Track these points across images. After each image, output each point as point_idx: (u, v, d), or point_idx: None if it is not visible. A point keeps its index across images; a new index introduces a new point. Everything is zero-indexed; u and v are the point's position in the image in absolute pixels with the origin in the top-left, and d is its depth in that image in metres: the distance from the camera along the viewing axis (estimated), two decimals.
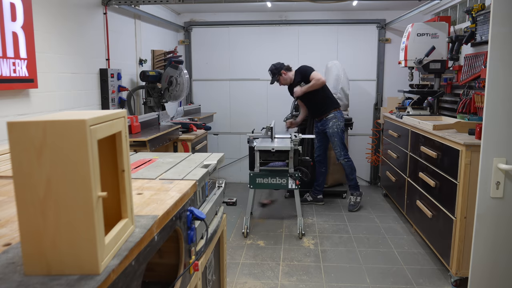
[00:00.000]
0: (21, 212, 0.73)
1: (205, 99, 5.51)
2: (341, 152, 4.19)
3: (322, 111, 4.23)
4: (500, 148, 1.67)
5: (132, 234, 0.92)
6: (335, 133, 4.17)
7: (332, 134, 4.19)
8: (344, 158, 4.20)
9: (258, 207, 4.34)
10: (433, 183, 2.99)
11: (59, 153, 0.72)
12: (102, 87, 3.39)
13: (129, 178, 0.93)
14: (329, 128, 4.20)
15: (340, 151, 4.19)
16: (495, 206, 1.71)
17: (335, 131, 4.17)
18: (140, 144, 2.88)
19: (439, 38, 3.88)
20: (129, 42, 3.99)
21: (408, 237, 3.55)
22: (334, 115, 4.20)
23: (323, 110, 4.22)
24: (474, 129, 2.66)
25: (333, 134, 4.18)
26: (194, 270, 1.30)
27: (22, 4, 2.33)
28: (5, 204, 1.15)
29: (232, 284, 2.75)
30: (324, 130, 4.27)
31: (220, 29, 5.38)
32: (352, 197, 4.30)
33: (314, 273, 2.91)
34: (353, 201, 4.28)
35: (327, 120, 4.21)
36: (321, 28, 5.24)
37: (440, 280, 2.81)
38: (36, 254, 0.74)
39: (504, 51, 1.62)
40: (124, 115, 0.89)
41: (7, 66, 2.23)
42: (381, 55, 5.20)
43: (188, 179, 1.41)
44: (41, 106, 2.64)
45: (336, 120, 4.19)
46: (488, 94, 1.65)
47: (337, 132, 4.17)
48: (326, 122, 4.22)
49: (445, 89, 4.06)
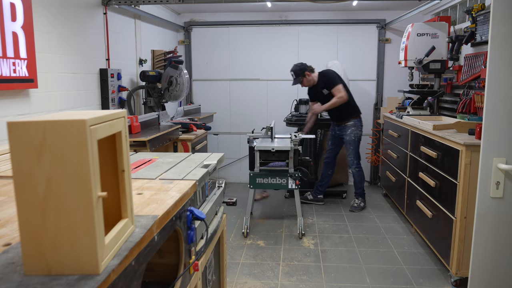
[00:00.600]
0: (21, 212, 0.73)
1: (205, 99, 5.51)
2: (354, 161, 4.21)
3: (343, 117, 4.21)
4: (500, 148, 1.67)
5: (132, 234, 0.92)
6: (352, 141, 4.18)
7: (349, 141, 4.19)
8: (356, 167, 4.22)
9: (258, 206, 4.34)
10: (433, 183, 2.99)
11: (59, 153, 0.72)
12: (102, 87, 3.39)
13: (129, 178, 0.93)
14: (347, 136, 4.19)
15: (353, 159, 4.21)
16: (495, 206, 1.71)
17: (352, 139, 4.18)
18: (140, 144, 2.88)
19: (439, 38, 3.88)
20: (129, 42, 3.99)
21: (408, 237, 3.55)
22: (354, 123, 4.19)
23: (344, 117, 4.20)
24: (474, 129, 2.66)
25: (350, 142, 4.19)
26: (194, 270, 1.30)
27: (22, 4, 2.33)
28: (5, 204, 1.15)
29: (232, 284, 2.75)
30: (342, 136, 4.27)
31: (220, 29, 5.38)
32: (357, 200, 4.31)
33: (314, 273, 2.91)
34: (357, 203, 4.29)
35: (346, 127, 4.20)
36: (321, 28, 5.24)
37: (440, 280, 2.81)
38: (36, 254, 0.74)
39: (504, 51, 1.62)
40: (124, 115, 0.89)
41: (7, 66, 2.23)
42: (381, 55, 5.20)
43: (188, 179, 1.41)
44: (41, 106, 2.64)
45: (355, 128, 4.19)
46: (488, 94, 1.65)
47: (354, 140, 4.18)
48: (345, 128, 4.21)
49: (445, 89, 4.06)
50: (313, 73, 4.18)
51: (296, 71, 4.13)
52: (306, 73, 4.13)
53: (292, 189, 3.64)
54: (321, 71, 4.27)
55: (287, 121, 4.76)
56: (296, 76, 4.14)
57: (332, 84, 4.11)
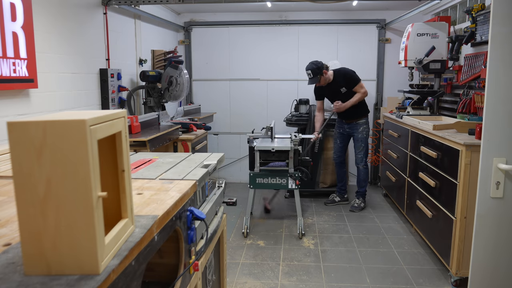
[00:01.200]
0: (21, 212, 0.73)
1: (205, 99, 5.51)
2: (363, 158, 4.22)
3: (355, 115, 4.19)
4: (500, 148, 1.67)
5: (132, 234, 0.92)
6: (363, 139, 4.18)
7: (361, 139, 4.18)
8: (364, 164, 4.23)
9: (258, 206, 4.33)
10: (433, 183, 2.99)
11: (59, 153, 0.72)
12: (102, 87, 3.39)
13: (129, 178, 0.93)
14: (359, 133, 4.19)
15: (362, 156, 4.21)
16: (495, 206, 1.71)
17: (364, 136, 4.18)
18: (140, 144, 2.88)
19: (439, 38, 3.88)
20: (129, 42, 3.99)
21: (408, 237, 3.55)
22: (365, 121, 4.21)
23: (357, 115, 4.19)
24: (474, 129, 2.66)
25: (362, 139, 4.18)
26: (194, 270, 1.30)
27: (22, 4, 2.33)
28: (5, 204, 1.15)
29: (232, 284, 2.75)
30: (352, 133, 4.25)
31: (220, 29, 5.38)
32: (358, 200, 4.30)
33: (314, 273, 2.91)
34: (357, 203, 4.28)
35: (358, 124, 4.19)
36: (321, 28, 5.24)
37: (440, 280, 2.81)
38: (36, 254, 0.74)
39: (504, 51, 1.62)
40: (124, 115, 0.89)
41: (7, 66, 2.23)
42: (381, 55, 5.20)
43: (188, 179, 1.41)
44: (41, 106, 2.64)
45: (366, 126, 4.20)
46: (488, 94, 1.65)
47: (365, 138, 4.19)
48: (356, 126, 4.20)
49: (445, 89, 4.06)
50: (328, 71, 4.10)
51: (313, 70, 3.97)
52: (323, 72, 4.02)
53: (292, 189, 3.64)
54: (337, 69, 4.22)
55: (287, 121, 4.76)
56: (313, 75, 3.99)
57: (355, 81, 4.07)
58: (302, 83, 5.33)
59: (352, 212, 4.22)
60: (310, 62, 4.03)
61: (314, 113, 4.48)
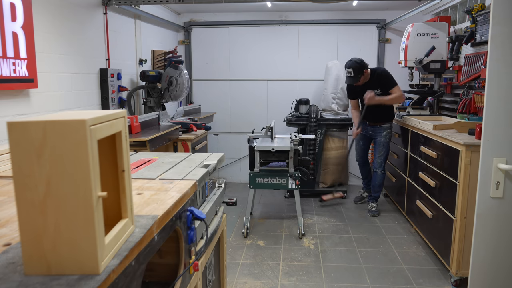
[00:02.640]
0: (21, 212, 0.73)
1: (205, 99, 5.51)
2: (382, 163, 4.10)
3: (381, 118, 4.06)
4: (500, 148, 1.67)
5: (132, 234, 0.92)
6: (386, 143, 4.05)
7: (383, 143, 4.05)
8: (382, 170, 4.12)
9: (258, 206, 4.33)
10: (433, 183, 2.99)
11: (59, 153, 0.72)
12: (102, 87, 3.39)
13: (129, 178, 0.93)
14: (382, 137, 4.05)
15: (382, 162, 4.09)
16: (495, 206, 1.71)
17: (387, 141, 4.06)
18: (140, 144, 2.88)
19: (439, 38, 3.88)
20: (129, 42, 3.99)
21: (408, 237, 3.55)
22: (390, 125, 4.07)
23: (383, 118, 4.05)
24: (474, 129, 2.66)
25: (384, 144, 4.05)
26: (194, 270, 1.30)
27: (22, 4, 2.33)
28: (5, 204, 1.15)
29: (232, 284, 2.75)
30: (375, 136, 4.12)
31: (220, 29, 5.38)
32: (374, 204, 4.20)
33: (314, 273, 2.91)
34: (375, 207, 4.18)
35: (382, 128, 4.06)
36: (321, 28, 5.24)
37: (440, 280, 2.81)
38: (36, 254, 0.74)
39: (504, 51, 1.62)
40: (124, 115, 0.89)
41: (7, 66, 2.23)
42: (381, 55, 5.20)
43: (188, 179, 1.41)
44: (41, 106, 2.64)
45: (390, 130, 4.06)
46: (488, 94, 1.65)
47: (387, 143, 4.07)
48: (380, 130, 4.06)
49: (445, 89, 4.06)
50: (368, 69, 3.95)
51: (356, 69, 3.77)
52: (365, 71, 3.84)
53: (292, 189, 3.64)
54: (375, 68, 4.06)
55: (287, 121, 4.76)
56: (354, 74, 3.80)
57: (392, 84, 3.93)
58: (302, 83, 5.33)
59: (373, 216, 4.09)
60: (350, 59, 3.84)
61: (350, 111, 4.29)
